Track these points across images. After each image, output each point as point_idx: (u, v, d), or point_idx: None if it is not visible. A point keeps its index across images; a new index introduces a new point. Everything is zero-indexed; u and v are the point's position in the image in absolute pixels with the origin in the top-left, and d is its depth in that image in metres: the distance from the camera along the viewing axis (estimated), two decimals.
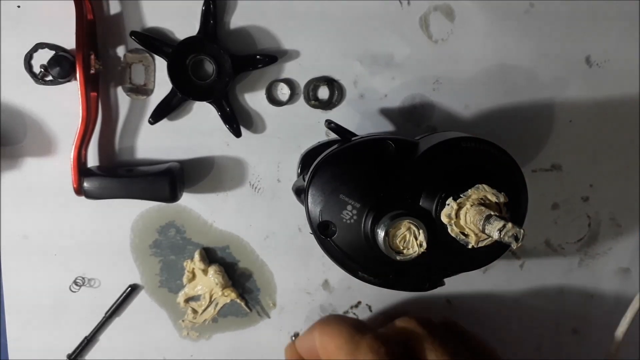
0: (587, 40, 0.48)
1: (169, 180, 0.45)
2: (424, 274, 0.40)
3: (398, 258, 0.35)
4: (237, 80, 0.47)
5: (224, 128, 0.47)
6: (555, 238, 0.53)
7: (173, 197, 0.46)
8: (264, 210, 0.50)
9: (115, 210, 0.49)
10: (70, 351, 0.51)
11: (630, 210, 0.52)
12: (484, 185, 0.35)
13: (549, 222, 0.52)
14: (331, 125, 0.40)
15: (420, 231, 0.35)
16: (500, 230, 0.32)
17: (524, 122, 0.49)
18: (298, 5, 0.46)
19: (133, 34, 0.45)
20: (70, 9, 0.43)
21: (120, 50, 0.47)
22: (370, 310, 0.53)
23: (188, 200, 0.49)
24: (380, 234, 0.35)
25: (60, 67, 0.43)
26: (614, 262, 0.53)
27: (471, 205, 0.34)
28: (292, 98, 0.48)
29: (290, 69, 0.48)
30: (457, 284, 0.53)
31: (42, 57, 0.44)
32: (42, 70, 0.44)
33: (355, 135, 0.40)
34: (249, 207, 0.50)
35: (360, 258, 0.38)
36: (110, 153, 0.48)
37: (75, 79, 0.44)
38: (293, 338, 0.52)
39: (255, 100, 0.48)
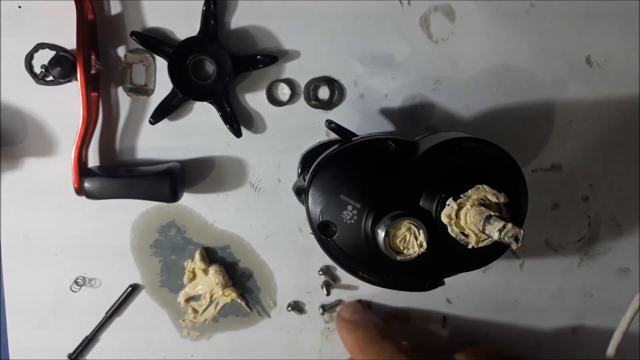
0: (587, 40, 0.48)
1: (170, 180, 0.45)
2: (424, 274, 0.40)
3: (398, 258, 0.35)
4: (238, 81, 0.47)
5: (224, 128, 0.47)
6: (555, 238, 0.53)
7: (173, 197, 0.46)
8: (264, 210, 0.50)
9: (116, 210, 0.49)
10: (70, 351, 0.51)
11: (630, 210, 0.52)
12: (484, 186, 0.35)
13: (549, 222, 0.52)
14: (331, 125, 0.40)
15: (421, 231, 0.35)
16: (500, 231, 0.32)
17: (524, 122, 0.50)
18: (298, 5, 0.46)
19: (133, 34, 0.45)
20: (71, 9, 0.43)
21: (121, 50, 0.47)
22: (370, 309, 0.53)
23: (188, 200, 0.49)
24: (381, 234, 0.35)
25: (61, 67, 0.44)
26: (614, 262, 0.53)
27: (471, 206, 0.34)
28: (292, 98, 0.48)
29: (290, 69, 0.48)
30: (457, 284, 0.53)
31: (43, 58, 0.44)
32: (43, 70, 0.44)
33: (355, 135, 0.40)
34: (250, 207, 0.50)
35: (360, 258, 0.38)
36: (111, 153, 0.48)
37: (76, 79, 0.44)
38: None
39: (255, 100, 0.48)
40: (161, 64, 0.47)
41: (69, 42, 0.45)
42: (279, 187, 0.50)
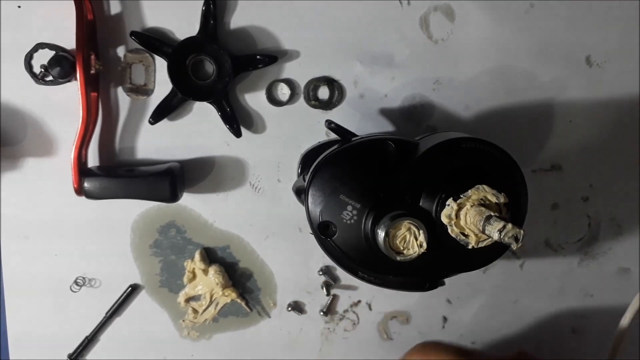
0: (587, 40, 0.48)
1: (170, 180, 0.45)
2: (424, 274, 0.40)
3: (398, 258, 0.35)
4: (237, 80, 0.47)
5: (224, 128, 0.47)
6: (555, 238, 0.53)
7: (173, 197, 0.46)
8: (264, 210, 0.50)
9: (116, 210, 0.49)
10: (71, 351, 0.51)
11: (630, 210, 0.52)
12: (484, 186, 0.35)
13: (549, 222, 0.52)
14: (331, 125, 0.40)
15: (420, 231, 0.35)
16: (500, 231, 0.32)
17: (524, 122, 0.49)
18: (298, 5, 0.46)
19: (133, 34, 0.45)
20: (70, 9, 0.43)
21: (121, 50, 0.47)
22: (370, 309, 0.53)
23: (188, 200, 0.49)
24: (381, 234, 0.35)
25: (61, 67, 0.43)
26: (614, 262, 0.53)
27: (471, 206, 0.34)
28: (292, 98, 0.48)
29: (290, 69, 0.48)
30: (457, 284, 0.53)
31: (43, 57, 0.44)
32: (43, 70, 0.44)
33: (355, 135, 0.40)
34: (249, 207, 0.50)
35: (360, 258, 0.38)
36: (111, 153, 0.48)
37: (76, 79, 0.44)
38: None
39: (255, 100, 0.48)
40: (161, 64, 0.47)
41: (69, 42, 0.45)
42: (278, 187, 0.50)
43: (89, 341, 0.51)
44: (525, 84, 0.49)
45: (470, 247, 0.35)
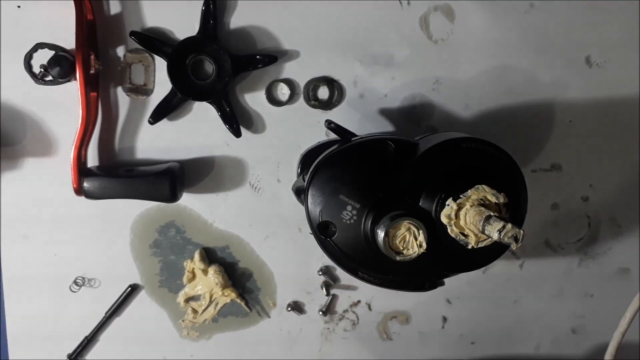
0: (587, 40, 0.48)
1: (169, 180, 0.45)
2: (424, 274, 0.40)
3: (398, 258, 0.35)
4: (237, 80, 0.47)
5: (224, 128, 0.47)
6: (555, 238, 0.53)
7: (173, 197, 0.46)
8: (264, 210, 0.50)
9: (115, 210, 0.49)
10: (70, 351, 0.51)
11: (630, 210, 0.52)
12: (483, 186, 0.35)
13: (549, 222, 0.52)
14: (331, 125, 0.40)
15: (420, 231, 0.35)
16: (500, 231, 0.32)
17: (524, 122, 0.49)
18: (298, 5, 0.46)
19: (133, 34, 0.45)
20: (70, 9, 0.43)
21: (120, 50, 0.47)
22: (370, 309, 0.53)
23: (188, 200, 0.49)
24: (380, 234, 0.35)
25: (60, 67, 0.43)
26: (614, 262, 0.53)
27: (471, 206, 0.34)
28: (292, 98, 0.48)
29: (290, 69, 0.48)
30: (457, 284, 0.52)
31: (42, 57, 0.44)
32: (42, 70, 0.44)
33: (355, 135, 0.40)
34: (249, 207, 0.50)
35: (360, 258, 0.38)
36: (110, 153, 0.48)
37: (75, 79, 0.44)
38: None
39: (255, 100, 0.48)
40: (160, 63, 0.47)
41: (68, 41, 0.45)
42: (278, 187, 0.50)
43: (89, 341, 0.51)
44: (525, 84, 0.49)
45: (470, 247, 0.35)
